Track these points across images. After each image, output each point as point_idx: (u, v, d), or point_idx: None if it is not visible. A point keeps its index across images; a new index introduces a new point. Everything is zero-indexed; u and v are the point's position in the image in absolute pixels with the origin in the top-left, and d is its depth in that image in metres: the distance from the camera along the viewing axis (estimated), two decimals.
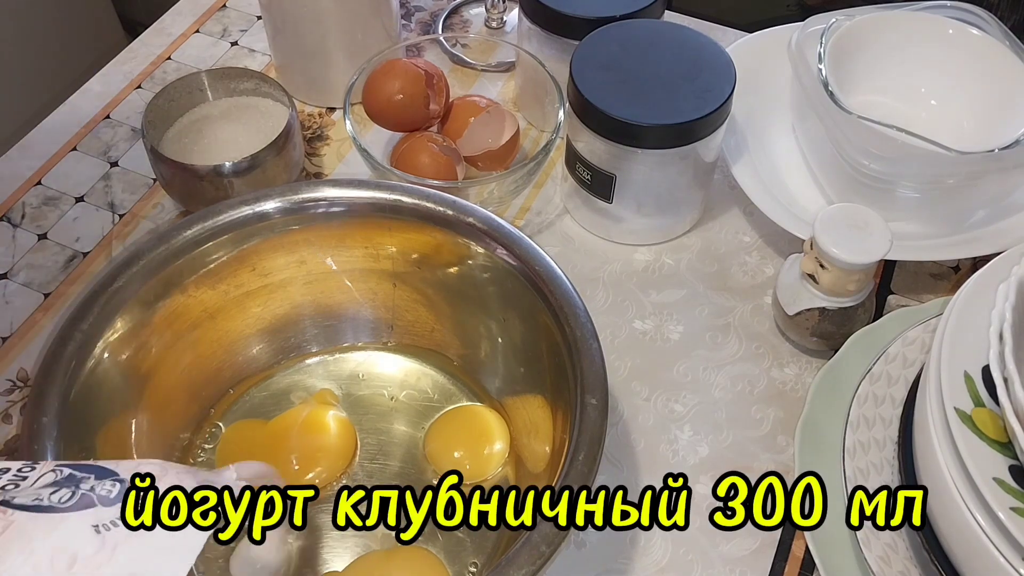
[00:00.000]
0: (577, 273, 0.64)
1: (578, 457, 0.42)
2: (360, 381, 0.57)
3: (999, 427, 0.41)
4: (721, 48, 0.61)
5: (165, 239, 0.50)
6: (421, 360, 0.57)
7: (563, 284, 0.48)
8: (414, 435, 0.54)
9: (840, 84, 0.61)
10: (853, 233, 0.54)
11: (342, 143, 0.72)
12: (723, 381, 0.59)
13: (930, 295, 0.63)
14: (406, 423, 0.55)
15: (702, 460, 0.56)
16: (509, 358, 0.55)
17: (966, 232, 0.62)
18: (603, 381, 0.45)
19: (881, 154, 0.58)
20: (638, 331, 0.61)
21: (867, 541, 0.47)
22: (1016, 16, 0.98)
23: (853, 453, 0.49)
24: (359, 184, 0.53)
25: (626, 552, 0.52)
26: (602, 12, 0.65)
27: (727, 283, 0.64)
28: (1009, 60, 0.63)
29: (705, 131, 0.59)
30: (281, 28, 0.70)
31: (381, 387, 0.56)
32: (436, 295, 0.56)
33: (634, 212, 0.64)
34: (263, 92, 0.68)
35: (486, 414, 0.54)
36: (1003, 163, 0.58)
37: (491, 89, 0.76)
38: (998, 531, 0.39)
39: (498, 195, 0.62)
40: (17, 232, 0.66)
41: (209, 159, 0.64)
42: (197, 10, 0.82)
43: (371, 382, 0.57)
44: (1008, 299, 0.42)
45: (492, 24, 0.81)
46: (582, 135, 0.61)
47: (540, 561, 0.39)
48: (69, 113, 0.74)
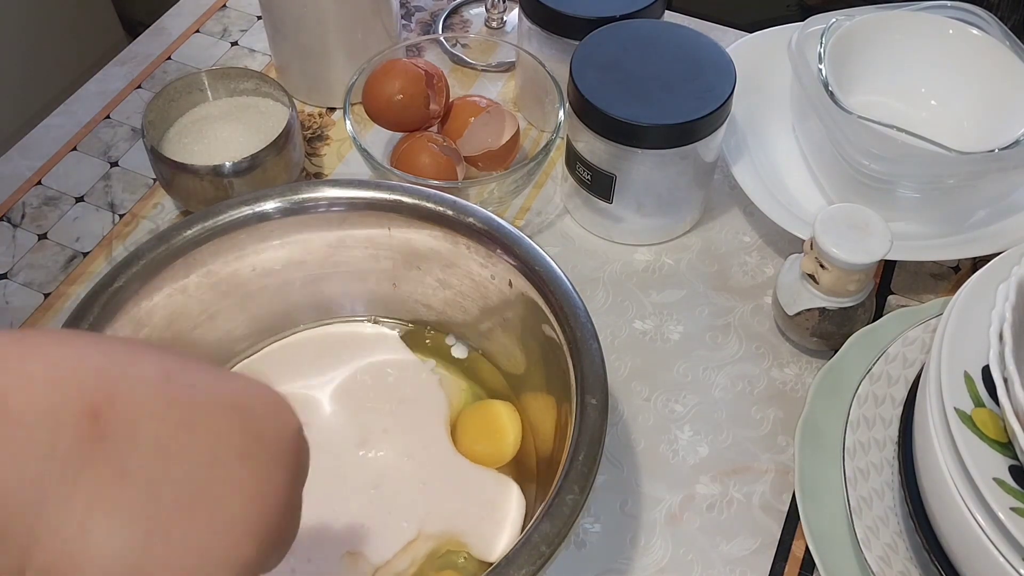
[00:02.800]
0: (577, 273, 0.64)
1: (578, 457, 0.42)
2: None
3: (999, 427, 0.41)
4: (721, 48, 0.61)
5: (165, 239, 0.50)
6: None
7: (563, 284, 0.48)
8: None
9: (840, 84, 0.61)
10: (853, 233, 0.54)
11: (342, 143, 0.72)
12: (723, 381, 0.59)
13: (930, 295, 0.63)
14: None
15: (702, 460, 0.56)
16: (509, 358, 0.55)
17: (966, 232, 0.62)
18: (603, 381, 0.45)
19: (881, 154, 0.58)
20: (638, 331, 0.61)
21: (867, 541, 0.47)
22: (1016, 16, 0.98)
23: (853, 453, 0.49)
24: (359, 184, 0.53)
25: (626, 552, 0.52)
26: (602, 12, 0.65)
27: (727, 283, 0.64)
28: (1009, 60, 0.63)
29: (705, 131, 0.59)
30: (281, 28, 0.70)
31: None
32: (436, 295, 0.56)
33: (634, 212, 0.64)
34: (263, 92, 0.68)
35: (504, 409, 0.54)
36: (1003, 163, 0.58)
37: (491, 89, 0.76)
38: (998, 531, 0.39)
39: (498, 195, 0.62)
40: (17, 232, 0.66)
41: (209, 159, 0.64)
42: (197, 10, 0.82)
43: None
44: (1008, 299, 0.42)
45: (492, 24, 0.80)
46: (582, 135, 0.61)
47: (540, 561, 0.39)
48: (69, 113, 0.74)
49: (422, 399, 0.54)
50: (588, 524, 0.53)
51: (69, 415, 0.24)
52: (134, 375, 0.26)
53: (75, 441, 0.24)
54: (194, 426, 0.26)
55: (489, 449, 0.52)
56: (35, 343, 0.25)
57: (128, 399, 0.25)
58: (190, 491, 0.25)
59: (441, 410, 0.53)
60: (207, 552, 0.25)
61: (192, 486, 0.25)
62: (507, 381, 0.55)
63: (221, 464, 0.26)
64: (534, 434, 0.53)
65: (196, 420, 0.26)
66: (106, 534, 0.24)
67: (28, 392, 0.24)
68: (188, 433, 0.26)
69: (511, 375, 0.55)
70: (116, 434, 0.24)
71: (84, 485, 0.24)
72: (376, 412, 0.53)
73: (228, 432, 0.27)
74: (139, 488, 0.24)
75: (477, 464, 0.52)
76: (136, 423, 0.25)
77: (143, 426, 0.25)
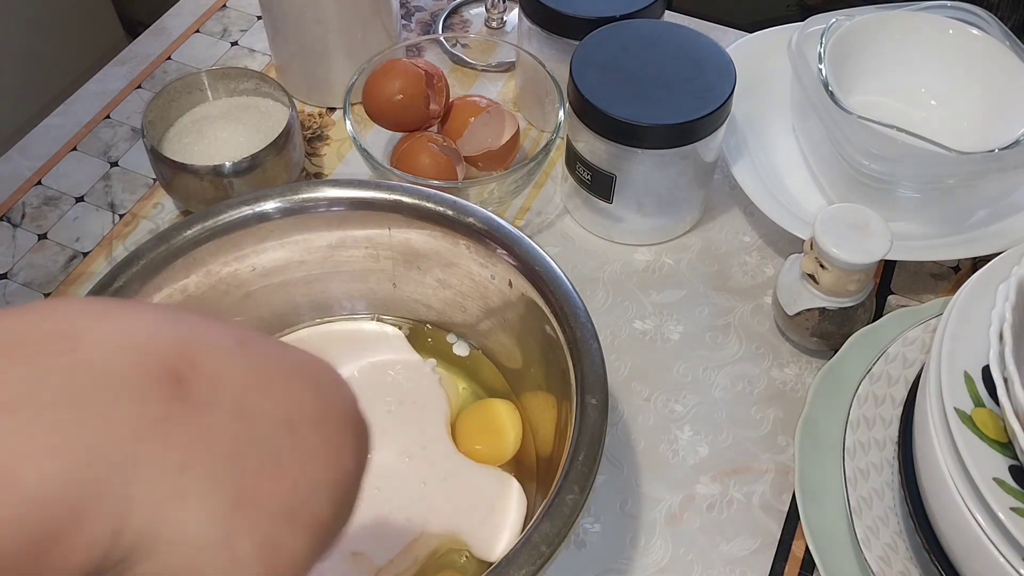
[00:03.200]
0: (577, 273, 0.64)
1: (578, 457, 0.42)
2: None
3: (999, 427, 0.41)
4: (721, 48, 0.61)
5: (165, 239, 0.50)
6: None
7: (563, 284, 0.48)
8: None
9: (840, 84, 0.61)
10: (853, 233, 0.54)
11: (342, 143, 0.72)
12: (723, 381, 0.59)
13: (930, 295, 0.63)
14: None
15: (702, 460, 0.56)
16: (509, 358, 0.55)
17: (966, 232, 0.62)
18: (603, 381, 0.45)
19: (881, 154, 0.58)
20: (638, 331, 0.61)
21: (867, 541, 0.47)
22: (1016, 16, 0.98)
23: (853, 453, 0.49)
24: (359, 184, 0.53)
25: (626, 552, 0.52)
26: (602, 12, 0.65)
27: (727, 283, 0.64)
28: (1009, 60, 0.63)
29: (705, 131, 0.59)
30: (281, 28, 0.70)
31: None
32: (436, 295, 0.56)
33: (634, 212, 0.64)
34: (263, 92, 0.68)
35: (504, 408, 0.54)
36: (1003, 163, 0.58)
37: (491, 89, 0.76)
38: (998, 531, 0.39)
39: (498, 195, 0.62)
40: (17, 232, 0.66)
41: (209, 159, 0.64)
42: (197, 10, 0.82)
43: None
44: (1008, 299, 0.42)
45: (492, 24, 0.80)
46: (582, 135, 0.61)
47: (540, 561, 0.39)
48: (69, 113, 0.74)
49: (422, 398, 0.54)
50: (588, 524, 0.53)
51: (153, 377, 0.23)
52: (210, 340, 0.25)
53: (161, 401, 0.23)
54: (271, 390, 0.26)
55: (489, 448, 0.52)
56: (107, 310, 0.25)
57: (207, 362, 0.25)
58: (272, 454, 0.25)
59: (441, 409, 0.53)
60: (291, 516, 0.25)
61: (273, 449, 0.25)
62: (507, 380, 0.55)
63: (297, 428, 0.26)
64: (534, 434, 0.53)
65: (273, 384, 0.26)
66: (199, 495, 0.23)
67: (111, 354, 0.23)
68: (266, 396, 0.26)
69: (511, 374, 0.55)
70: (199, 395, 0.24)
71: (175, 444, 0.23)
72: (376, 412, 0.53)
73: (302, 397, 0.27)
74: (225, 449, 0.24)
75: (477, 462, 0.52)
76: (217, 385, 0.24)
77: (224, 388, 0.25)
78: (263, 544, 0.25)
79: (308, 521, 0.26)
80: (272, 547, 0.25)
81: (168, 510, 0.23)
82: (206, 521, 0.24)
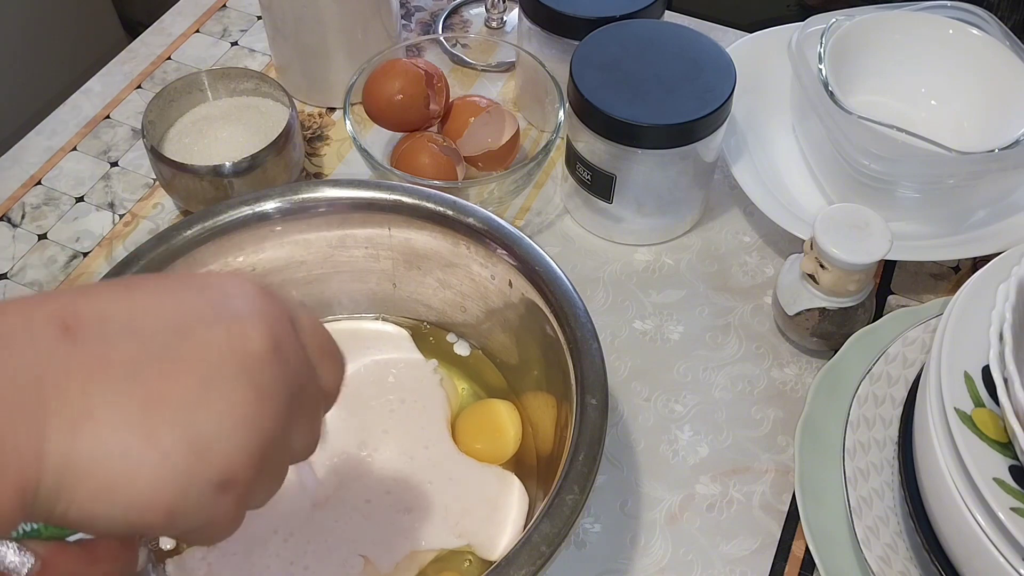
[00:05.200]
0: (577, 273, 0.64)
1: (578, 457, 0.42)
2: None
3: (999, 427, 0.41)
4: (721, 48, 0.61)
5: (165, 239, 0.50)
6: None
7: (563, 284, 0.48)
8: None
9: (840, 84, 0.61)
10: (853, 233, 0.54)
11: (342, 143, 0.72)
12: (723, 381, 0.59)
13: (930, 295, 0.63)
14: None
15: (702, 460, 0.56)
16: (509, 358, 0.55)
17: (966, 232, 0.62)
18: (603, 381, 0.45)
19: (881, 154, 0.58)
20: (638, 331, 0.61)
21: (867, 541, 0.47)
22: (1016, 16, 0.98)
23: (853, 453, 0.49)
24: (359, 184, 0.53)
25: (626, 552, 0.52)
26: (602, 12, 0.65)
27: (727, 283, 0.64)
28: (1009, 60, 0.63)
29: (705, 131, 0.59)
30: (281, 28, 0.70)
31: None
32: (436, 295, 0.56)
33: (634, 212, 0.64)
34: (263, 92, 0.68)
35: (504, 408, 0.54)
36: (1003, 163, 0.58)
37: (491, 89, 0.76)
38: (998, 531, 0.39)
39: (498, 195, 0.62)
40: (17, 232, 0.66)
41: (209, 159, 0.64)
42: (197, 10, 0.82)
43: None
44: (1008, 299, 0.42)
45: (492, 24, 0.81)
46: (582, 135, 0.61)
47: (540, 561, 0.39)
48: (69, 113, 0.74)
49: (422, 398, 0.54)
50: (588, 524, 0.53)
51: (41, 330, 0.26)
52: (94, 292, 0.28)
53: (52, 346, 0.26)
54: (160, 308, 0.28)
55: (489, 447, 0.52)
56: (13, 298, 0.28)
57: (90, 307, 0.27)
58: (170, 358, 0.27)
59: (442, 409, 0.53)
60: (205, 402, 0.27)
61: (170, 354, 0.27)
62: (507, 380, 0.55)
63: (193, 331, 0.28)
64: (534, 434, 0.53)
65: (163, 303, 0.28)
66: (105, 406, 0.26)
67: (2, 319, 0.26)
68: (155, 315, 0.28)
69: (511, 374, 0.55)
70: (87, 332, 0.26)
71: (73, 375, 0.26)
72: (377, 412, 0.53)
73: (194, 305, 0.29)
74: (122, 366, 0.26)
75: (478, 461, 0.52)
76: (103, 320, 0.27)
77: (110, 321, 0.27)
78: (185, 432, 0.26)
79: (226, 404, 0.27)
80: (195, 433, 0.27)
81: (81, 429, 0.25)
82: (121, 426, 0.26)
